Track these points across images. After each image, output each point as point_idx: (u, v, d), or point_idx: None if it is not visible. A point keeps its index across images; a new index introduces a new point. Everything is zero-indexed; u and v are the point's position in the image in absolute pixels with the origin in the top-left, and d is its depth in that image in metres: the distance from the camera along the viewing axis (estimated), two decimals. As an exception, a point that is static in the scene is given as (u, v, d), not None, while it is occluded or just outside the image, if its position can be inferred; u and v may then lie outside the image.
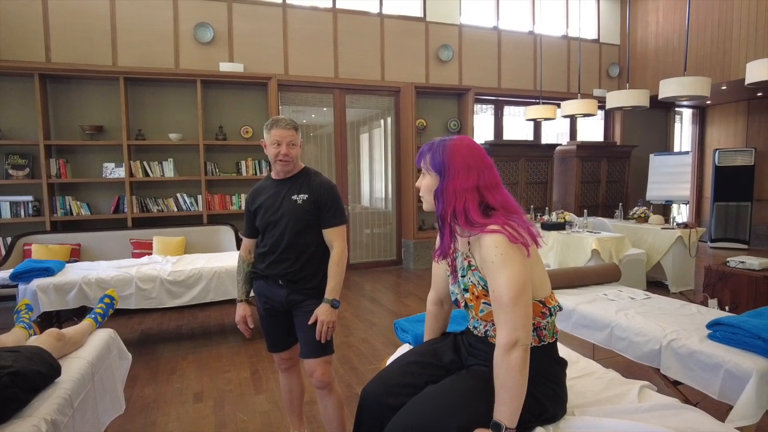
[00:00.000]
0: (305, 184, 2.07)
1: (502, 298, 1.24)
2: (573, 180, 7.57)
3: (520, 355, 1.23)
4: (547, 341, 1.40)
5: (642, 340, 2.41)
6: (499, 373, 1.24)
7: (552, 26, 7.73)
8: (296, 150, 2.05)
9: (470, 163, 1.36)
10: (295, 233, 2.02)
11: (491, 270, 1.27)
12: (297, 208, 2.02)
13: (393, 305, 4.99)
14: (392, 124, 6.91)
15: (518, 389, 1.23)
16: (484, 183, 1.35)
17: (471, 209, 1.32)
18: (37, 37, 5.13)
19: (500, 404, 1.24)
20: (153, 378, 3.21)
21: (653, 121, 8.58)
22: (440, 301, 1.67)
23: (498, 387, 1.25)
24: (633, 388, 1.55)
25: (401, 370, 1.51)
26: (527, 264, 1.28)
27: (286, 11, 6.08)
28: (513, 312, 1.23)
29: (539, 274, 1.38)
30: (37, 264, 3.49)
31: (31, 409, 1.54)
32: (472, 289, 1.40)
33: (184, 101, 5.60)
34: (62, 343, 1.92)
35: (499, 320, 1.26)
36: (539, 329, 1.38)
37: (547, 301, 1.38)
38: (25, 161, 5.04)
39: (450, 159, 1.36)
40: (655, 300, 2.95)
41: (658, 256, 5.28)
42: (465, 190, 1.34)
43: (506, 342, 1.23)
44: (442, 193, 1.37)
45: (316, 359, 2.02)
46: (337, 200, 2.07)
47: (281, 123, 2.03)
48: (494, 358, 1.26)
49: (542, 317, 1.37)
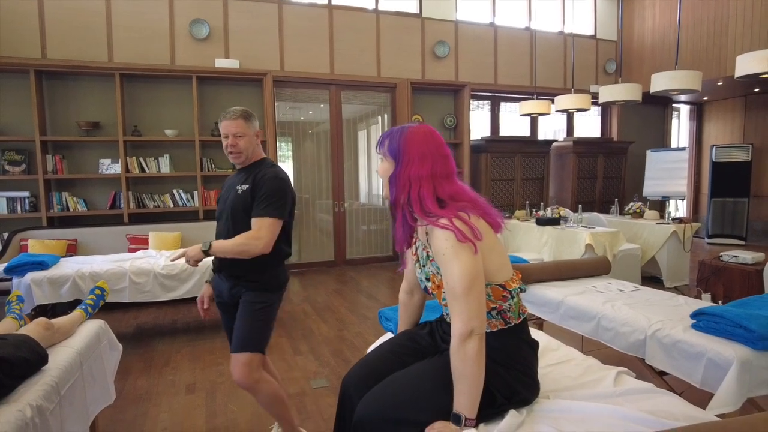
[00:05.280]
0: (252, 175, 1.99)
1: (455, 290, 1.25)
2: (569, 176, 7.57)
3: (476, 345, 1.23)
4: (514, 323, 1.40)
5: (628, 330, 2.42)
6: (457, 364, 1.25)
7: (548, 22, 7.73)
8: (245, 140, 1.97)
9: (425, 151, 1.36)
10: (233, 224, 1.96)
11: (443, 262, 1.28)
12: (237, 200, 1.97)
13: (388, 300, 5.01)
14: (389, 121, 6.92)
15: (475, 378, 1.23)
16: (437, 172, 1.36)
17: (426, 197, 1.33)
18: (32, 33, 5.15)
19: (459, 394, 1.25)
20: (146, 370, 3.24)
21: (650, 118, 8.58)
22: (410, 291, 1.68)
23: (456, 378, 1.26)
24: (610, 373, 1.57)
25: (380, 356, 1.53)
26: (479, 254, 1.28)
27: (281, 7, 6.09)
28: (466, 302, 1.24)
29: (496, 258, 1.37)
30: (32, 258, 3.52)
31: (17, 395, 1.56)
32: (433, 279, 1.41)
33: (180, 97, 5.62)
34: (50, 332, 1.94)
35: (454, 311, 1.26)
36: (503, 312, 1.39)
37: (507, 284, 1.38)
38: (21, 157, 5.07)
39: (405, 146, 1.37)
40: (643, 292, 2.96)
41: (653, 251, 5.29)
42: (419, 177, 1.34)
43: (461, 332, 1.24)
44: (396, 179, 1.37)
45: (235, 354, 1.95)
46: (272, 191, 1.92)
47: (228, 114, 1.97)
48: (450, 348, 1.27)
49: (504, 300, 1.38)
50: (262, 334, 1.99)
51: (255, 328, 1.97)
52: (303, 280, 5.93)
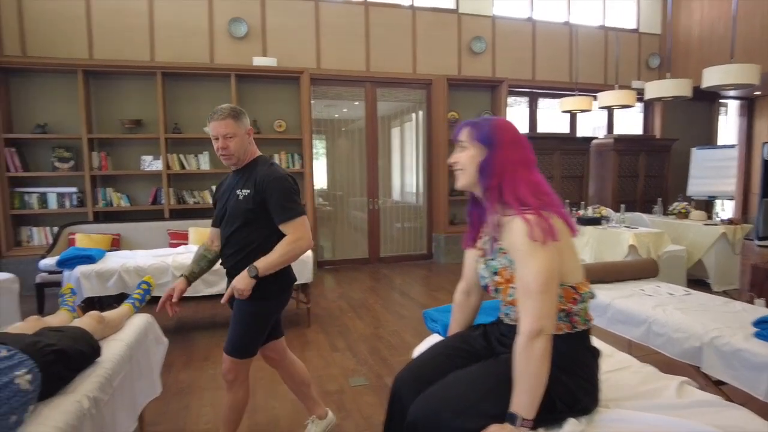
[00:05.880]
0: (251, 177, 1.93)
1: (530, 286, 1.22)
2: (610, 174, 7.35)
3: (543, 344, 1.21)
4: (580, 328, 1.36)
5: (682, 336, 2.32)
6: (521, 361, 1.22)
7: (588, 16, 7.51)
8: (235, 141, 1.88)
9: (515, 138, 1.37)
10: (235, 229, 1.94)
11: (519, 257, 1.26)
12: (238, 204, 1.92)
13: (423, 298, 4.97)
14: (424, 118, 6.86)
15: (539, 378, 1.20)
16: (528, 159, 1.37)
17: (520, 183, 1.32)
18: (81, 35, 5.33)
19: (519, 393, 1.22)
20: (188, 364, 3.30)
21: (696, 114, 8.22)
22: (468, 292, 1.65)
23: (518, 375, 1.22)
24: (671, 383, 1.49)
25: (432, 358, 1.50)
26: (556, 252, 1.25)
27: (318, 5, 6.11)
28: (541, 300, 1.21)
29: (571, 259, 1.34)
30: (80, 252, 3.64)
31: (73, 386, 1.60)
32: (502, 272, 1.37)
33: (219, 95, 5.70)
34: (102, 325, 1.99)
35: (525, 307, 1.23)
36: (571, 315, 1.34)
37: (578, 287, 1.35)
38: (69, 154, 5.25)
39: (498, 131, 1.36)
40: (695, 296, 2.84)
41: (700, 253, 5.07)
42: (513, 162, 1.34)
43: (531, 329, 1.21)
44: (488, 165, 1.35)
45: (224, 353, 1.99)
46: (282, 193, 1.88)
47: (216, 114, 1.87)
48: (516, 345, 1.24)
49: (574, 303, 1.34)
50: (251, 340, 1.99)
51: (244, 334, 1.98)
52: (337, 277, 5.95)
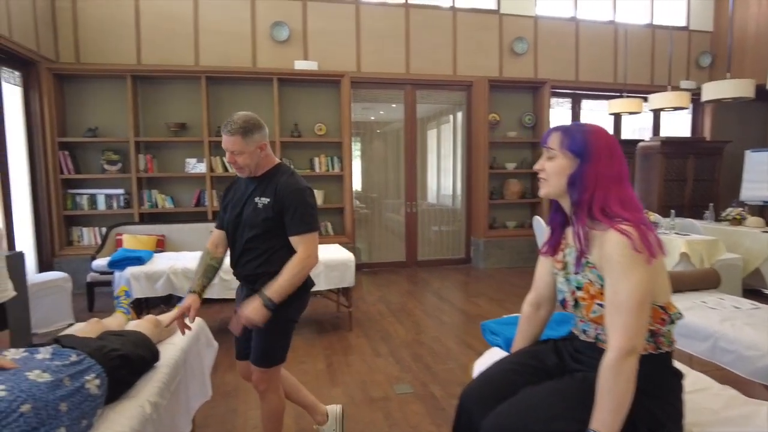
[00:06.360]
0: (271, 186, 1.89)
1: (626, 302, 1.16)
2: (656, 178, 7.07)
3: (634, 363, 1.16)
4: (664, 349, 1.29)
5: (755, 354, 2.18)
6: (608, 378, 1.16)
7: (635, 14, 7.26)
8: (244, 158, 1.85)
9: (612, 152, 1.28)
10: (253, 236, 1.89)
11: (615, 270, 1.19)
12: (256, 212, 1.88)
13: (463, 304, 4.89)
14: (463, 119, 6.77)
15: (625, 398, 1.15)
16: (624, 174, 1.29)
17: (611, 198, 1.25)
18: (129, 41, 5.49)
19: (602, 411, 1.16)
20: (232, 366, 3.31)
21: (749, 114, 7.82)
22: (538, 304, 1.58)
23: (603, 393, 1.16)
24: (761, 409, 1.39)
25: (501, 373, 1.44)
26: (653, 269, 1.18)
27: (359, 8, 6.11)
28: (636, 317, 1.16)
29: (661, 278, 1.27)
30: (130, 253, 3.73)
31: (135, 391, 1.62)
32: (588, 288, 1.31)
33: (261, 99, 5.77)
34: (159, 329, 2.01)
35: (616, 324, 1.17)
36: (657, 336, 1.28)
37: (668, 307, 1.28)
38: (118, 157, 5.41)
39: (594, 142, 1.28)
40: (765, 311, 2.67)
41: (757, 261, 4.82)
42: (607, 177, 1.26)
43: (623, 347, 1.15)
44: (581, 177, 1.28)
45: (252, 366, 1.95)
46: (300, 205, 1.85)
47: (227, 127, 1.84)
48: (603, 362, 1.18)
49: (662, 324, 1.27)
50: (279, 348, 1.98)
51: (270, 344, 1.95)
52: (375, 280, 5.92)
